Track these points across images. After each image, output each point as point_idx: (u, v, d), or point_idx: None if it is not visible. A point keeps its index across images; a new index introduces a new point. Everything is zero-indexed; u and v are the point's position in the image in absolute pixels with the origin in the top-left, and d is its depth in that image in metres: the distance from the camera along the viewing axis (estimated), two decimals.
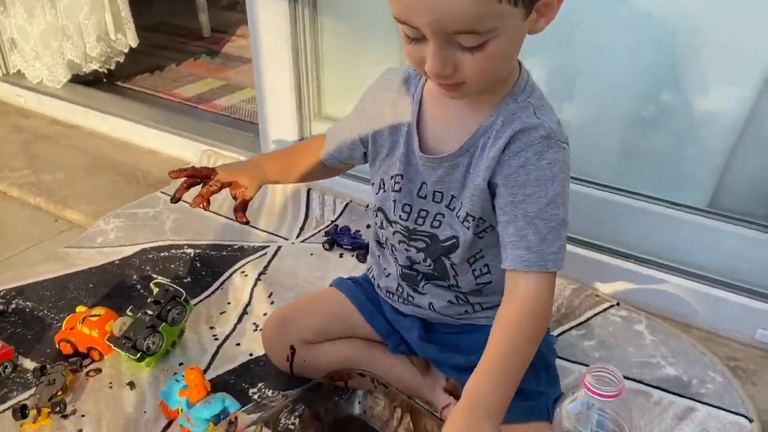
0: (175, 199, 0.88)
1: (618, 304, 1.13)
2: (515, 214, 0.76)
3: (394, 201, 0.86)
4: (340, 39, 1.44)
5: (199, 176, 0.90)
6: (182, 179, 0.90)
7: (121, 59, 2.01)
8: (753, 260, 1.07)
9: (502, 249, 0.77)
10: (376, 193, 0.89)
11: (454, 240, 0.84)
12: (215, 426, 0.86)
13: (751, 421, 0.91)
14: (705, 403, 0.94)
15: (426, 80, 0.81)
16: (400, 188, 0.85)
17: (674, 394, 0.96)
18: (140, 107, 1.87)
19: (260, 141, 1.59)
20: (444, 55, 0.68)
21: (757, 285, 1.07)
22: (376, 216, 0.91)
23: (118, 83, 2.07)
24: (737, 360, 1.03)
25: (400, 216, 0.86)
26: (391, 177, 0.86)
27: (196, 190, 0.90)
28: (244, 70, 2.26)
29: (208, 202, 0.88)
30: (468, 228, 0.82)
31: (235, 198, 0.90)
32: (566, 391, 0.76)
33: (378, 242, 0.95)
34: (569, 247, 1.13)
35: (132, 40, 1.95)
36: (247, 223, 0.90)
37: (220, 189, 0.89)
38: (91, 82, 2.02)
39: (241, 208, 0.90)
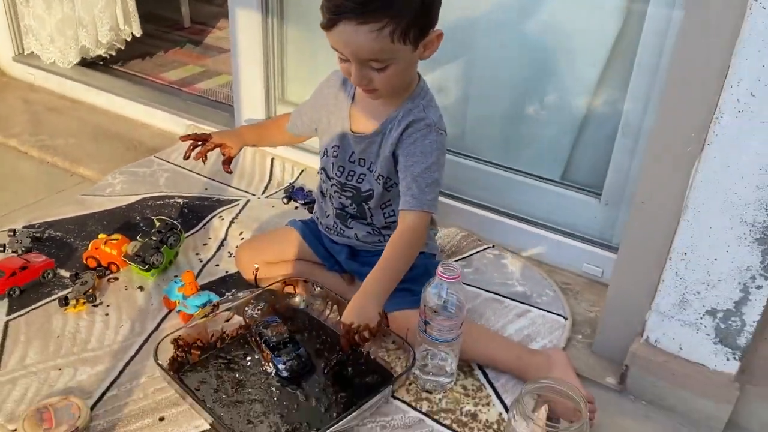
0: (186, 157, 1.31)
1: (493, 246, 1.56)
2: (406, 174, 1.18)
3: (332, 163, 1.28)
4: (302, 40, 1.81)
5: (199, 139, 1.32)
6: (188, 142, 1.31)
7: (123, 46, 2.37)
8: (584, 216, 1.50)
9: (400, 197, 1.19)
10: (321, 158, 1.31)
11: (371, 191, 1.26)
12: (202, 309, 1.26)
13: (566, 319, 1.35)
14: (538, 308, 1.37)
15: None
16: (337, 155, 1.27)
17: (518, 302, 1.38)
18: (133, 87, 2.23)
19: (234, 119, 1.97)
20: (361, 72, 1.10)
21: (586, 234, 1.49)
22: (320, 174, 1.32)
23: (113, 66, 2.42)
24: (569, 284, 1.47)
25: (336, 174, 1.28)
26: (332, 147, 1.28)
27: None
28: (221, 59, 2.59)
29: (206, 157, 1.30)
30: (380, 184, 1.24)
31: (223, 155, 1.32)
32: None
33: (321, 193, 1.36)
34: (462, 206, 1.58)
35: (136, 30, 2.33)
36: (230, 172, 1.34)
37: (213, 148, 1.32)
38: (90, 64, 2.36)
39: (227, 161, 1.33)
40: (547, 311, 1.36)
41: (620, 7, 1.37)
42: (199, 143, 1.33)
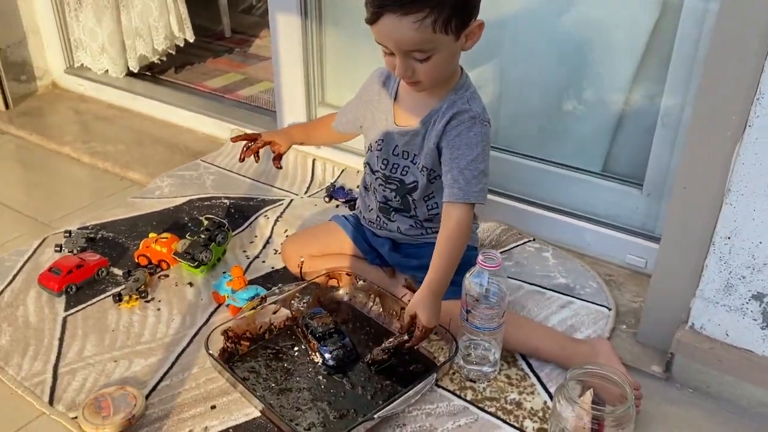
0: (241, 159, 1.36)
1: (534, 239, 1.57)
2: (452, 166, 1.19)
3: (377, 157, 1.30)
4: (341, 44, 1.85)
5: (249, 138, 1.37)
6: (241, 143, 1.38)
7: (174, 52, 2.46)
8: (626, 208, 1.50)
9: (444, 189, 1.21)
10: (366, 153, 1.34)
11: (415, 183, 1.28)
12: (251, 302, 1.30)
13: (609, 309, 1.35)
14: (581, 299, 1.38)
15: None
16: (381, 148, 1.29)
17: (561, 293, 1.39)
18: (178, 95, 2.30)
19: (276, 123, 2.01)
20: (405, 64, 1.13)
21: (627, 225, 1.49)
22: (365, 168, 1.35)
23: (158, 76, 2.50)
24: (611, 276, 1.46)
25: (380, 167, 1.31)
26: (376, 141, 1.30)
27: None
28: (260, 66, 2.66)
29: (257, 155, 1.35)
30: (424, 175, 1.26)
31: (273, 152, 1.38)
32: None
33: (365, 187, 1.39)
34: (503, 200, 1.59)
35: (189, 36, 2.43)
36: (280, 167, 1.40)
37: (263, 146, 1.38)
38: (137, 74, 2.44)
39: (278, 158, 1.39)
40: (591, 302, 1.36)
41: (656, 0, 1.37)
42: (251, 143, 1.38)
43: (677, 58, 1.34)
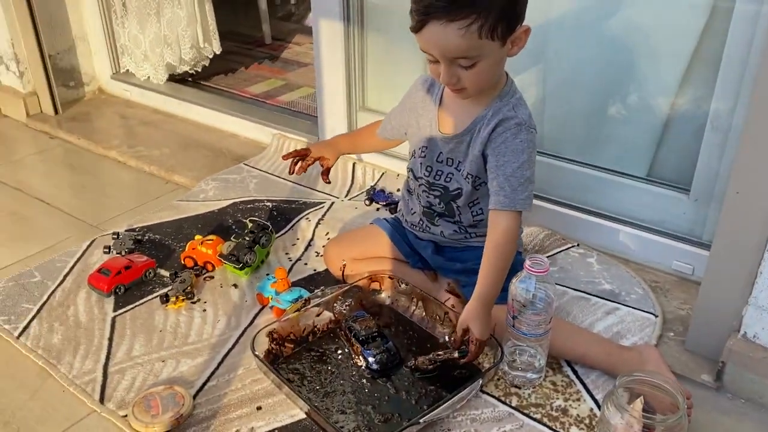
0: (291, 172, 1.40)
1: (578, 245, 1.55)
2: (498, 173, 1.18)
3: (420, 164, 1.30)
4: (382, 49, 1.85)
5: (300, 155, 1.39)
6: (290, 159, 1.41)
7: (207, 63, 2.49)
8: (673, 213, 1.47)
9: (490, 196, 1.20)
10: (410, 159, 1.34)
11: (460, 190, 1.27)
12: (294, 304, 1.31)
13: (656, 316, 1.33)
14: (627, 305, 1.36)
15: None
16: (425, 155, 1.29)
17: (606, 299, 1.37)
18: (221, 100, 2.34)
19: (318, 127, 2.03)
20: (450, 71, 1.12)
21: (674, 230, 1.46)
22: (408, 173, 1.35)
23: (201, 82, 2.55)
24: (658, 282, 1.44)
25: (424, 173, 1.31)
26: (420, 148, 1.30)
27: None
28: (300, 73, 2.69)
29: (305, 170, 1.39)
30: (468, 182, 1.25)
31: (322, 166, 1.41)
32: None
33: (408, 191, 1.39)
34: (546, 205, 1.58)
35: (216, 48, 2.44)
36: (329, 182, 1.43)
37: (313, 162, 1.40)
38: (181, 80, 2.50)
39: (326, 172, 1.41)
40: (637, 309, 1.34)
41: (705, 4, 1.34)
42: (301, 159, 1.40)
43: (727, 61, 1.31)
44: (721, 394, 1.16)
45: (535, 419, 1.11)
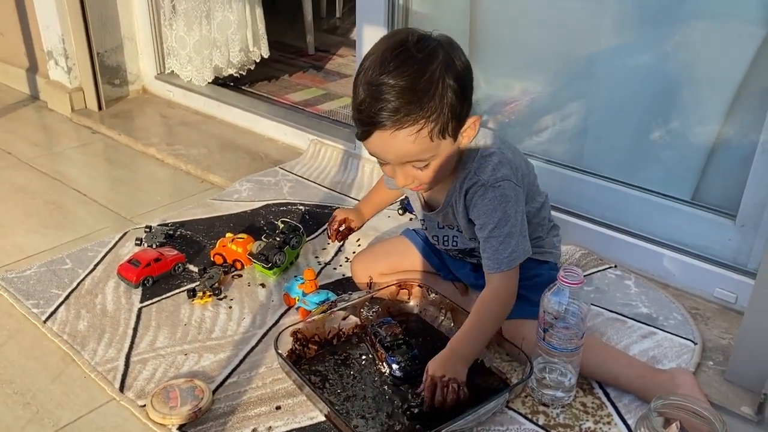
0: (332, 239, 1.42)
1: (615, 266, 1.50)
2: (480, 237, 1.15)
3: (426, 231, 1.30)
4: None
5: (340, 225, 1.39)
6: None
7: (253, 67, 2.52)
8: (717, 239, 1.42)
9: None
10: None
11: (471, 247, 1.25)
12: (321, 306, 1.29)
13: (695, 343, 1.27)
14: (665, 331, 1.30)
15: None
16: (425, 226, 1.30)
17: (643, 323, 1.32)
18: (261, 105, 2.35)
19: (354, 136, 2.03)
20: (404, 173, 1.09)
21: (718, 256, 1.41)
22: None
23: (243, 87, 2.57)
24: (698, 310, 1.38)
25: (433, 240, 1.31)
26: (420, 219, 1.30)
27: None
28: (341, 83, 2.70)
29: (338, 233, 1.39)
30: (474, 241, 1.22)
31: (347, 227, 1.40)
32: None
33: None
34: (584, 224, 1.54)
35: (265, 52, 2.47)
36: (342, 242, 1.48)
37: (340, 225, 1.39)
38: (222, 84, 2.53)
39: (347, 233, 1.40)
40: (675, 335, 1.29)
41: (757, 33, 1.31)
42: (341, 228, 1.40)
43: None
44: (762, 428, 1.10)
45: None
